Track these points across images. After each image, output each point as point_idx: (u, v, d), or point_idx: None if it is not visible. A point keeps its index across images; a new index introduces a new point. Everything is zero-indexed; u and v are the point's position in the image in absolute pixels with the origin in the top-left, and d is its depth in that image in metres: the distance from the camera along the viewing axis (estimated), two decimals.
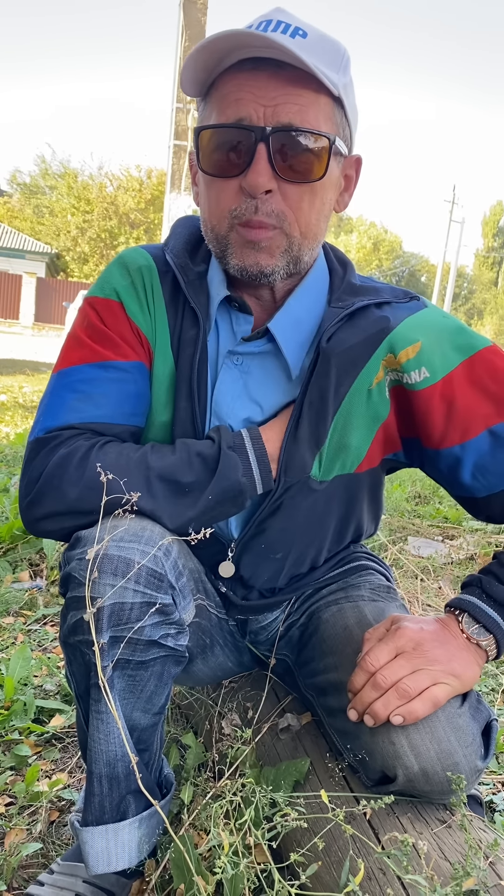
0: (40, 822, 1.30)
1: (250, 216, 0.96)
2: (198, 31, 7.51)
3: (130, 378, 1.08)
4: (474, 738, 1.04)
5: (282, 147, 0.94)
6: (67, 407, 1.05)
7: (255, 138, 0.93)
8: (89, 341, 1.08)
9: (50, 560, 2.51)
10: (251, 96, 0.92)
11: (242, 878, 0.95)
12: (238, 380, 1.11)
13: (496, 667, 2.09)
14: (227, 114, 0.94)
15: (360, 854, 0.98)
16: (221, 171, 0.97)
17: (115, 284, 1.10)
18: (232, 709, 1.38)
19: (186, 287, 1.09)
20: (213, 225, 1.02)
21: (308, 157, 0.95)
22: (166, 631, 0.99)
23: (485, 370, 1.07)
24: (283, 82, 0.92)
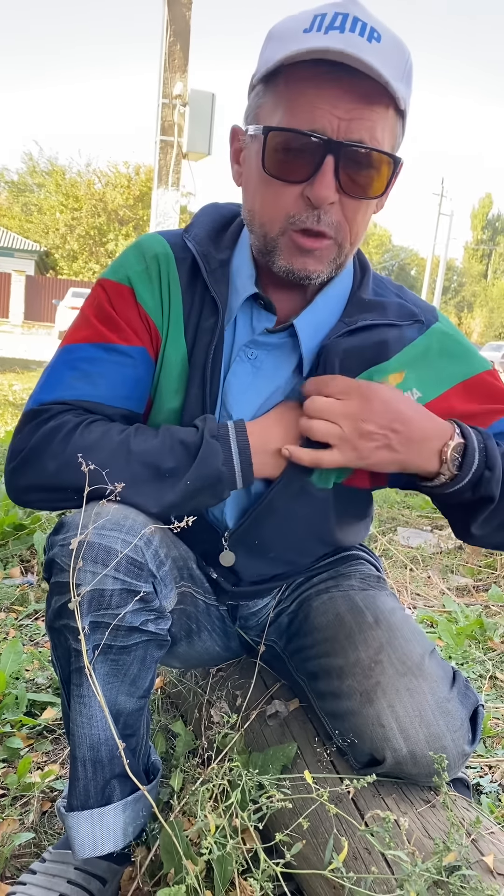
0: (32, 813, 1.32)
1: (312, 225, 0.96)
2: (182, 27, 7.48)
3: (131, 363, 1.08)
4: (462, 722, 1.06)
5: (350, 162, 0.92)
6: (64, 383, 1.06)
7: (325, 150, 0.91)
8: (95, 321, 1.09)
9: (40, 556, 2.52)
10: (328, 106, 0.90)
11: (230, 860, 0.96)
12: (249, 373, 1.11)
13: (484, 653, 2.12)
14: (301, 118, 0.91)
15: (346, 834, 1.00)
16: (285, 174, 0.95)
17: (128, 270, 1.10)
18: (221, 696, 1.39)
19: (208, 276, 1.09)
20: (263, 222, 1.00)
21: (372, 174, 0.95)
22: (146, 617, 1.00)
23: (482, 391, 1.11)
24: (360, 96, 0.90)
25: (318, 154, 0.92)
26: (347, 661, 1.10)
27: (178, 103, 7.46)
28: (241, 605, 1.30)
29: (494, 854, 0.93)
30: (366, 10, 0.91)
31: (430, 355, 1.11)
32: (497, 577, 2.83)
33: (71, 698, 1.01)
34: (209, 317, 1.09)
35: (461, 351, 1.13)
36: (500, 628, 2.27)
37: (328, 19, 0.89)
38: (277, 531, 1.16)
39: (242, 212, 1.07)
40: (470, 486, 1.02)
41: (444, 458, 1.01)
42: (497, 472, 1.01)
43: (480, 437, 1.03)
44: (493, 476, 1.01)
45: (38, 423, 1.04)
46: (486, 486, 1.01)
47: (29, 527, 2.69)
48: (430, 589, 2.70)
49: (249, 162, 1.02)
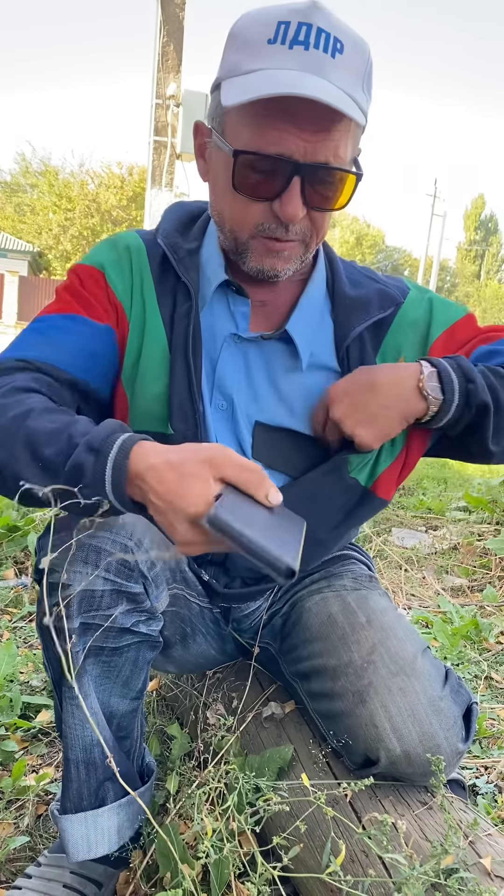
0: (27, 816, 1.31)
1: (280, 235, 1.01)
2: (176, 27, 7.47)
3: (94, 335, 1.10)
4: (455, 720, 1.06)
5: (315, 181, 0.97)
6: (26, 345, 1.08)
7: (293, 172, 0.95)
8: (67, 296, 1.12)
9: (34, 558, 2.51)
10: (295, 129, 0.93)
11: (227, 863, 0.96)
12: (239, 358, 1.14)
13: (479, 654, 2.12)
14: (268, 141, 0.94)
15: (343, 837, 0.99)
16: (255, 193, 0.98)
17: (101, 257, 1.14)
18: (217, 699, 1.39)
19: (177, 264, 1.12)
20: (233, 228, 1.04)
21: (336, 189, 0.99)
22: (138, 618, 1.00)
23: (461, 336, 1.18)
24: (321, 118, 0.92)
25: (285, 175, 0.95)
26: (340, 662, 1.10)
27: (172, 104, 7.45)
28: (234, 608, 1.30)
29: (492, 856, 0.93)
30: (327, 14, 0.91)
31: (415, 328, 1.18)
32: (492, 577, 2.84)
33: (63, 700, 1.00)
34: (183, 303, 1.13)
35: (436, 309, 1.20)
36: (495, 629, 2.28)
37: (292, 31, 0.90)
38: (296, 510, 1.16)
39: (210, 208, 1.11)
40: (462, 404, 1.07)
41: (424, 392, 1.07)
42: (479, 381, 1.06)
43: (451, 359, 1.09)
44: (478, 386, 1.06)
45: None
46: (476, 397, 1.06)
47: (23, 528, 2.68)
48: (424, 589, 2.70)
49: (217, 165, 1.05)
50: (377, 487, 1.18)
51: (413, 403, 1.07)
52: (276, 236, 1.01)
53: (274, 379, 1.15)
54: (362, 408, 1.08)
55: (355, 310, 1.16)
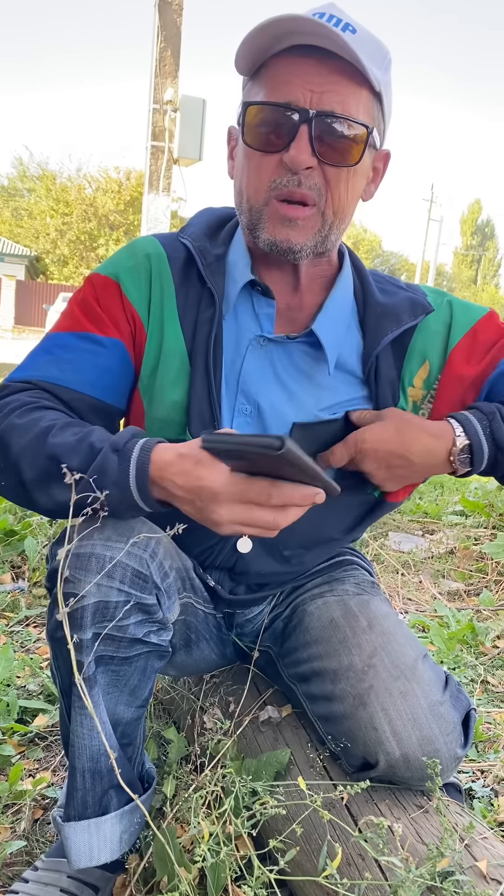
0: (24, 821, 1.31)
1: (293, 188, 1.01)
2: (173, 33, 7.50)
3: (104, 352, 1.10)
4: (455, 726, 1.07)
5: (323, 130, 0.99)
6: (35, 365, 1.09)
7: (299, 119, 0.98)
8: (78, 313, 1.12)
9: (32, 562, 2.51)
10: (300, 80, 0.98)
11: (224, 867, 0.96)
12: (265, 360, 1.14)
13: (475, 658, 2.12)
14: (276, 94, 0.99)
15: (340, 840, 1.00)
16: (264, 145, 1.01)
17: (117, 266, 1.14)
18: (214, 703, 1.39)
19: (204, 268, 1.12)
20: (249, 195, 1.06)
21: (346, 143, 1.01)
22: (149, 628, 1.00)
23: (483, 340, 1.16)
24: (330, 70, 0.97)
25: (293, 123, 0.99)
26: (341, 665, 1.10)
27: (169, 109, 7.47)
28: (238, 613, 1.30)
29: (487, 859, 0.93)
30: (344, 12, 0.99)
31: (438, 333, 1.18)
32: (488, 581, 2.84)
33: (72, 709, 1.00)
34: (207, 308, 1.12)
35: (456, 312, 1.19)
36: (491, 633, 2.28)
37: (304, 15, 0.97)
38: (310, 517, 1.16)
39: (234, 199, 1.12)
40: (489, 469, 1.08)
41: (454, 464, 1.07)
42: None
43: (485, 420, 1.07)
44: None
45: (2, 395, 1.05)
46: (502, 467, 1.07)
47: (20, 533, 2.68)
48: (421, 594, 2.70)
49: (239, 155, 1.08)
50: (393, 495, 1.21)
51: (441, 469, 1.10)
52: (288, 190, 1.01)
53: (304, 377, 1.15)
54: (393, 470, 1.10)
55: (387, 317, 1.16)
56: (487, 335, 1.16)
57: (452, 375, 1.16)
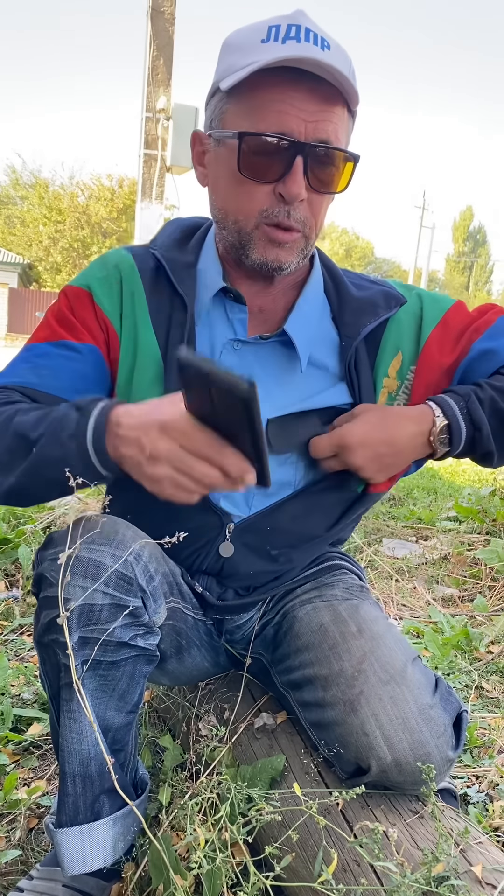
0: (19, 830, 1.30)
1: (283, 220, 1.04)
2: (166, 41, 7.52)
3: (79, 357, 1.13)
4: (445, 728, 1.07)
5: (316, 161, 1.01)
6: (13, 373, 1.12)
7: (294, 151, 0.99)
8: (53, 323, 1.15)
9: (25, 570, 2.51)
10: (294, 110, 0.98)
11: (220, 874, 0.96)
12: (239, 364, 1.16)
13: (469, 663, 2.13)
14: (269, 121, 0.99)
15: (335, 846, 1.00)
16: (259, 175, 1.02)
17: (89, 277, 1.17)
18: (209, 710, 1.39)
19: (173, 275, 1.15)
20: (237, 219, 1.07)
21: (336, 172, 1.04)
22: (136, 632, 1.00)
23: (454, 327, 1.20)
24: (322, 98, 0.98)
25: (288, 155, 1.00)
26: (331, 671, 1.11)
27: (162, 117, 7.49)
28: (227, 619, 1.30)
29: (483, 864, 0.93)
30: (313, 21, 1.00)
31: (409, 321, 1.21)
32: (482, 586, 2.85)
33: (60, 714, 1.00)
34: (179, 315, 1.15)
35: (428, 301, 1.23)
36: (485, 638, 2.29)
37: (283, 31, 0.98)
38: (295, 516, 1.21)
39: (211, 210, 1.13)
40: (467, 449, 1.12)
41: (434, 444, 1.11)
42: (485, 428, 1.09)
43: (462, 402, 1.11)
44: (483, 434, 1.09)
45: None
46: (481, 445, 1.11)
47: (13, 541, 2.67)
48: (415, 599, 2.71)
49: (218, 164, 1.08)
50: (376, 486, 1.23)
51: (422, 451, 1.13)
52: (279, 221, 1.04)
53: (278, 376, 1.17)
54: (380, 458, 1.12)
55: (364, 311, 1.19)
56: (457, 324, 1.20)
57: (427, 365, 1.20)
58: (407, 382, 1.21)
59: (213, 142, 1.08)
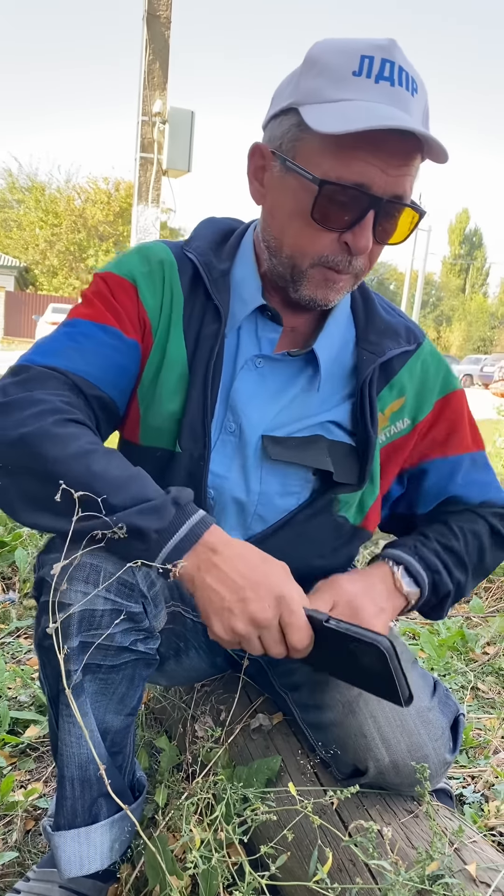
0: (16, 832, 1.31)
1: (343, 268, 1.02)
2: (161, 45, 7.54)
3: (124, 350, 1.09)
4: (443, 731, 1.08)
5: (386, 215, 0.99)
6: (60, 352, 1.05)
7: (370, 205, 0.96)
8: (99, 304, 1.10)
9: (22, 573, 2.51)
10: (379, 162, 0.93)
11: (216, 874, 0.97)
12: (257, 381, 1.14)
13: (465, 664, 2.13)
14: (352, 170, 0.94)
15: (330, 845, 1.00)
16: (328, 222, 0.98)
17: (133, 269, 1.12)
18: (205, 711, 1.39)
19: (210, 284, 1.12)
20: (294, 255, 1.04)
21: (401, 224, 1.02)
22: (136, 637, 1.00)
23: (451, 413, 1.22)
24: (405, 152, 0.94)
25: (362, 207, 0.96)
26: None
27: (158, 121, 7.50)
28: None
29: (477, 862, 0.94)
30: (403, 54, 0.95)
31: (421, 375, 1.20)
32: (478, 588, 2.86)
33: (60, 718, 1.00)
34: (211, 324, 1.12)
35: (442, 368, 1.22)
36: (481, 639, 2.29)
37: (376, 66, 0.92)
38: (286, 550, 1.15)
39: (264, 232, 1.10)
40: (432, 591, 1.15)
41: (402, 590, 1.12)
42: (444, 579, 1.15)
43: (413, 552, 1.15)
44: (442, 577, 1.14)
45: (23, 380, 1.00)
46: (445, 586, 1.15)
47: (10, 544, 2.68)
48: None
49: (283, 192, 1.03)
50: (367, 523, 1.22)
51: (398, 605, 1.13)
52: (337, 267, 1.02)
53: (293, 394, 1.15)
54: None
55: (388, 334, 1.18)
56: (452, 412, 1.23)
57: (414, 431, 1.21)
58: (394, 429, 1.19)
59: (280, 165, 1.02)
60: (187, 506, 0.93)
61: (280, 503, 1.15)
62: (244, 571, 0.90)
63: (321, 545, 1.19)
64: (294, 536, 1.16)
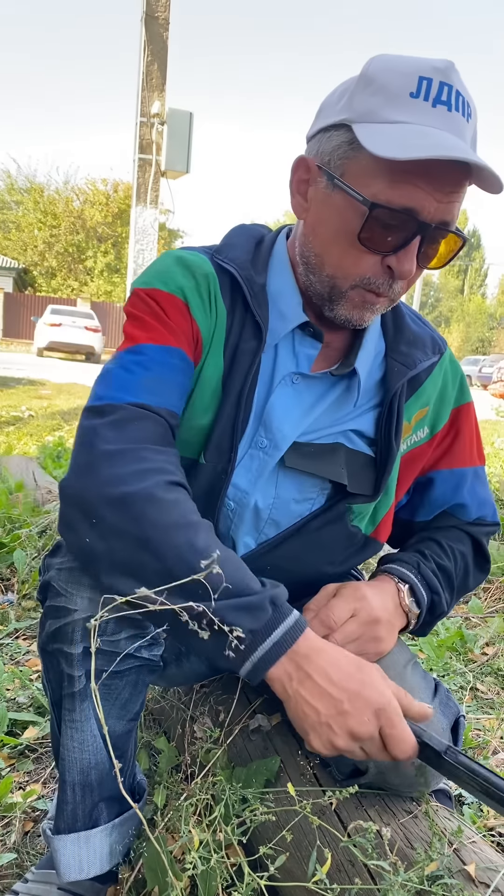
0: (14, 833, 1.30)
1: (384, 291, 1.00)
2: (160, 47, 7.54)
3: (187, 370, 1.05)
4: (444, 732, 1.07)
5: (431, 241, 0.97)
6: (139, 385, 0.99)
7: (417, 230, 0.94)
8: (156, 324, 1.04)
9: (21, 574, 2.50)
10: (431, 188, 0.91)
11: (215, 875, 0.96)
12: (293, 397, 1.11)
13: (464, 665, 2.13)
14: (403, 194, 0.92)
15: (330, 846, 1.00)
16: (374, 245, 0.96)
17: (180, 283, 1.06)
18: (204, 712, 1.39)
19: (252, 299, 1.08)
20: (335, 275, 1.01)
21: (444, 249, 0.99)
22: (140, 643, 1.00)
23: (463, 424, 1.23)
24: (456, 180, 0.92)
25: (409, 232, 0.94)
26: None
27: (156, 122, 7.51)
28: None
29: (476, 863, 0.94)
30: (460, 76, 0.92)
31: (441, 385, 1.20)
32: (477, 589, 2.86)
33: (62, 723, 1.00)
34: (250, 339, 1.08)
35: (458, 378, 1.22)
36: (479, 640, 2.29)
37: (434, 89, 0.90)
38: (297, 557, 1.16)
39: (302, 248, 1.06)
40: (428, 609, 1.15)
41: (406, 609, 1.12)
42: (443, 595, 1.15)
43: (416, 572, 1.15)
44: (442, 597, 1.15)
45: (115, 422, 0.94)
46: (440, 607, 1.16)
47: (9, 545, 2.67)
48: None
49: (327, 210, 1.00)
50: (378, 533, 1.21)
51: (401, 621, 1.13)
52: (378, 290, 1.00)
53: (329, 410, 1.13)
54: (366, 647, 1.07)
55: (416, 345, 1.16)
56: (463, 422, 1.23)
57: (433, 440, 1.21)
58: (415, 437, 1.19)
59: (326, 182, 0.99)
60: (283, 606, 0.88)
61: (295, 508, 1.15)
62: (339, 681, 0.85)
63: (332, 553, 1.19)
64: (306, 543, 1.15)
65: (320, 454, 1.12)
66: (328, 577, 1.16)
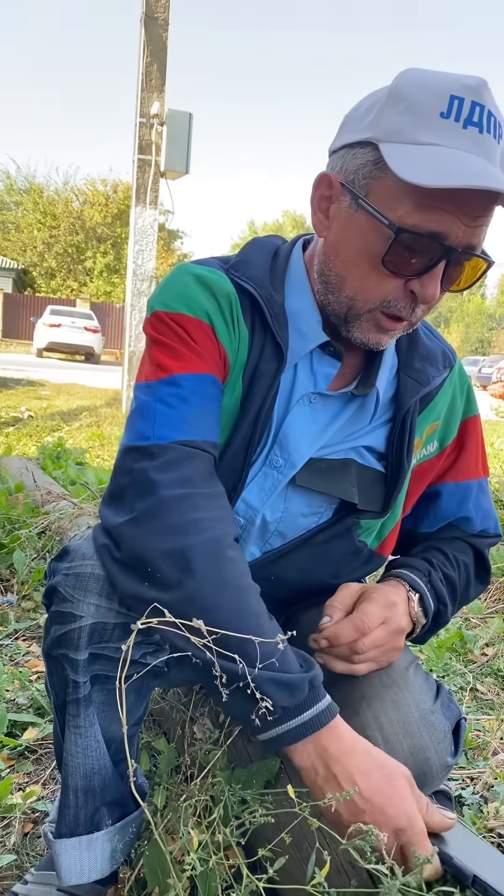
0: (14, 834, 1.30)
1: (406, 315, 0.98)
2: (159, 47, 7.54)
3: (220, 396, 1.04)
4: (445, 734, 1.07)
5: (457, 264, 0.94)
6: (183, 420, 0.97)
7: (443, 255, 0.91)
8: (187, 352, 1.00)
9: (20, 575, 2.50)
10: (459, 213, 0.88)
11: (214, 876, 0.96)
12: (309, 416, 1.10)
13: (464, 665, 2.13)
14: (430, 218, 0.89)
15: (329, 848, 1.00)
16: (398, 269, 0.93)
17: (205, 307, 1.03)
18: (204, 713, 1.39)
19: (272, 320, 1.05)
20: (354, 297, 0.99)
21: (467, 272, 0.97)
22: (146, 650, 1.00)
23: (470, 436, 1.22)
24: (487, 205, 0.90)
25: (435, 256, 0.92)
26: (332, 673, 1.11)
27: (156, 122, 7.51)
28: None
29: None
30: (492, 94, 0.89)
31: (451, 398, 1.19)
32: None
33: (66, 728, 1.00)
34: (270, 360, 1.06)
35: (466, 389, 1.21)
36: (479, 640, 2.29)
37: (465, 109, 0.87)
38: (301, 568, 1.16)
39: (322, 266, 1.04)
40: (432, 618, 1.14)
41: (414, 616, 1.10)
42: (448, 606, 1.15)
43: (436, 599, 1.14)
44: (448, 609, 1.15)
45: (165, 464, 0.94)
46: (444, 617, 1.16)
47: (8, 546, 2.67)
48: None
49: (350, 230, 0.97)
50: (383, 548, 1.21)
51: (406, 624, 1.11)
52: (399, 314, 0.98)
53: (345, 427, 1.12)
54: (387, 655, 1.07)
55: (429, 360, 1.15)
56: (470, 435, 1.22)
57: (442, 453, 1.20)
58: (424, 451, 1.18)
59: (350, 201, 0.96)
60: (318, 689, 0.88)
61: (302, 522, 1.15)
62: (365, 790, 0.85)
63: (338, 566, 1.19)
64: (311, 555, 1.15)
65: (332, 471, 1.12)
66: (331, 588, 1.14)
